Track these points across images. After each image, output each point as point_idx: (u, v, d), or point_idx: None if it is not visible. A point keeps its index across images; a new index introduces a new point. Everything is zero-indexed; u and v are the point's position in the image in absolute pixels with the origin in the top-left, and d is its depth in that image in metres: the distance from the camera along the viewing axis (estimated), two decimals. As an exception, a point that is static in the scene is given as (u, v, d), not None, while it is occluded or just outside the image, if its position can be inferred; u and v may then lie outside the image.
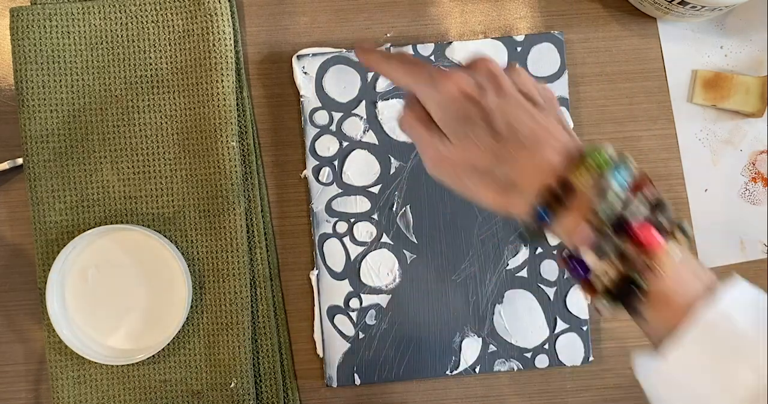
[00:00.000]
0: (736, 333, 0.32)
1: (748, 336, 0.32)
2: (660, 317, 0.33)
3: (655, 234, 0.32)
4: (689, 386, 0.33)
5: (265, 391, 0.53)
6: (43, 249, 0.52)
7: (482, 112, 0.36)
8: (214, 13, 0.53)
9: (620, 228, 0.33)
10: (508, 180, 0.36)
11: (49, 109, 0.53)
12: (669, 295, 0.33)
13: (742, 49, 0.56)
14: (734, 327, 0.32)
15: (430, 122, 0.38)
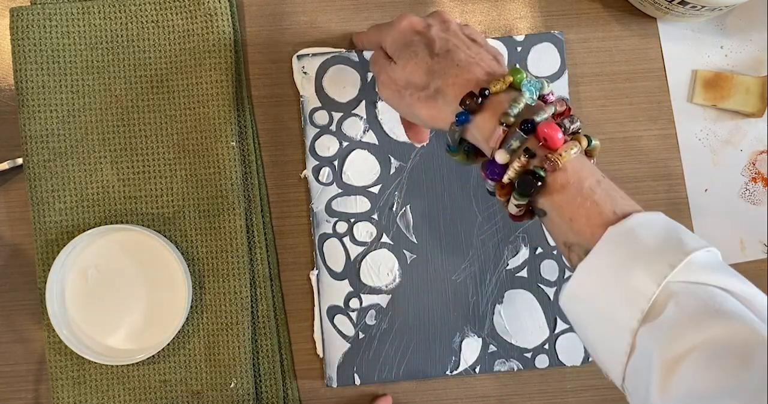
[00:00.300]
0: (640, 247, 0.33)
1: (650, 248, 0.33)
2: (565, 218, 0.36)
3: (556, 130, 0.36)
4: (595, 299, 0.35)
5: (265, 391, 0.53)
6: (43, 249, 0.52)
7: (426, 39, 0.43)
8: (214, 13, 0.53)
9: (528, 128, 0.37)
10: (438, 91, 0.41)
11: (49, 109, 0.53)
12: (568, 194, 0.36)
13: (742, 49, 0.56)
14: (640, 241, 0.34)
15: (387, 57, 0.45)
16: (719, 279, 0.33)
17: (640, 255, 0.33)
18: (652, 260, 0.33)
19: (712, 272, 0.33)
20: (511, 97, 0.38)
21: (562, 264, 0.54)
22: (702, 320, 0.32)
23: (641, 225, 0.34)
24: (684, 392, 0.31)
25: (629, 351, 0.33)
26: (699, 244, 0.34)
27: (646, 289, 0.33)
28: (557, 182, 0.36)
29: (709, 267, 0.34)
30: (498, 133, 0.37)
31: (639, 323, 0.33)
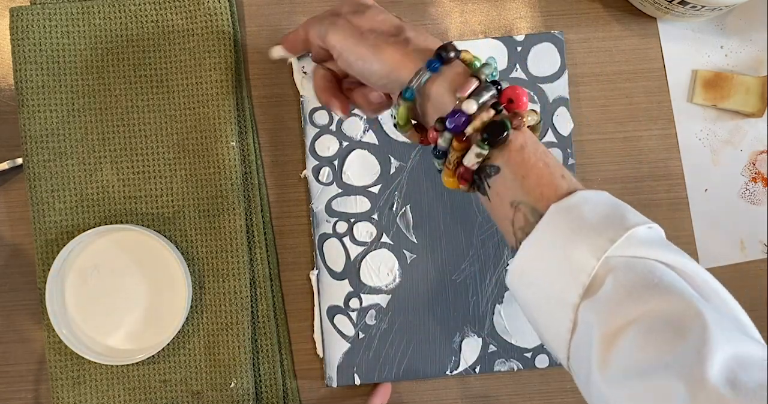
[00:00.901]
0: (582, 222, 0.34)
1: (592, 224, 0.34)
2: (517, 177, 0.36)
3: (523, 93, 0.38)
4: (538, 276, 0.35)
5: (265, 391, 0.53)
6: (43, 249, 0.52)
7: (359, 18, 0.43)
8: (214, 13, 0.53)
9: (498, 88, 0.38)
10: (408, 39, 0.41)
11: (49, 109, 0.53)
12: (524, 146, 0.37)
13: (742, 49, 0.56)
14: (582, 217, 0.34)
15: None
16: (659, 254, 0.34)
17: (582, 231, 0.34)
18: (594, 235, 0.34)
19: (653, 247, 0.34)
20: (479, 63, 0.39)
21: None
22: (640, 294, 0.32)
23: (585, 201, 0.35)
24: (623, 365, 0.31)
25: (572, 328, 0.34)
26: (641, 220, 0.35)
27: (586, 264, 0.33)
28: (517, 140, 0.37)
29: (650, 242, 0.34)
30: (470, 84, 0.38)
31: (580, 298, 0.33)
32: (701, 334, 0.30)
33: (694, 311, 0.31)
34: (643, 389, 0.31)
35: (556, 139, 0.54)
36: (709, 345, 0.30)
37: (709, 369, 0.29)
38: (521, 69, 0.54)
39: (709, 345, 0.30)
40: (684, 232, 0.55)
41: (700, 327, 0.30)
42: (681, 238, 0.55)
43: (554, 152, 0.54)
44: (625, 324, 0.32)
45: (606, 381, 0.32)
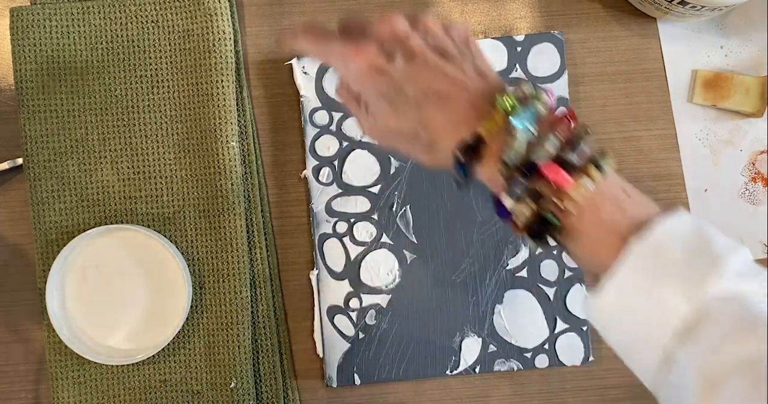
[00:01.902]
0: (668, 261, 0.32)
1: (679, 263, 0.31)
2: (586, 252, 0.34)
3: (561, 172, 0.33)
4: (626, 319, 0.33)
5: (265, 391, 0.53)
6: (43, 249, 0.52)
7: (394, 83, 0.37)
8: (214, 13, 0.53)
9: (531, 170, 0.34)
10: (431, 141, 0.37)
11: (49, 109, 0.53)
12: (585, 229, 0.33)
13: (742, 49, 0.56)
14: (667, 255, 0.32)
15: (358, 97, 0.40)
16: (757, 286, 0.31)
17: (669, 272, 0.31)
18: (683, 276, 0.31)
19: (748, 278, 0.31)
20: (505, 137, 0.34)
21: (562, 264, 0.54)
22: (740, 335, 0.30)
23: (667, 236, 0.32)
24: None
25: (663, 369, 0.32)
26: (730, 248, 0.32)
27: (677, 308, 0.31)
28: (572, 224, 0.34)
29: (744, 274, 0.31)
30: (497, 179, 0.35)
31: (672, 342, 0.31)
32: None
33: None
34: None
35: (556, 139, 0.54)
36: None
37: None
38: (521, 69, 0.54)
39: None
40: (684, 232, 0.55)
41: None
42: (681, 238, 0.55)
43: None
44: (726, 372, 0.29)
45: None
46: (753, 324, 0.30)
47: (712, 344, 0.30)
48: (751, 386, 0.29)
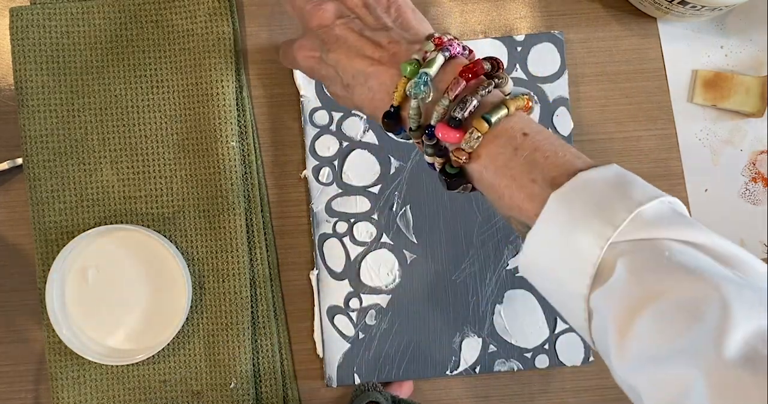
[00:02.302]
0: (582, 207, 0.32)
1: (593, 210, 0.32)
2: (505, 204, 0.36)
3: (447, 130, 0.36)
4: (547, 269, 0.34)
5: (265, 391, 0.53)
6: (43, 249, 0.52)
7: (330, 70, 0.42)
8: (214, 13, 0.53)
9: (431, 132, 0.37)
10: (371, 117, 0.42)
11: (49, 109, 0.53)
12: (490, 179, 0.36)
13: (742, 49, 0.56)
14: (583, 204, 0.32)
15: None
16: (671, 232, 0.32)
17: (582, 219, 0.32)
18: (595, 222, 0.32)
19: (663, 225, 0.32)
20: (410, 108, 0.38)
21: (562, 264, 0.54)
22: (650, 278, 0.31)
23: (586, 184, 0.33)
24: (637, 354, 0.30)
25: (588, 317, 0.33)
26: (649, 195, 0.32)
27: (589, 254, 0.32)
28: (474, 171, 0.36)
29: (660, 221, 0.32)
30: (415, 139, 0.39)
31: (589, 289, 0.32)
32: (719, 313, 0.28)
33: (711, 289, 0.29)
34: (661, 376, 0.29)
35: (556, 139, 0.54)
36: (728, 323, 0.28)
37: (726, 349, 0.28)
38: (521, 69, 0.54)
39: (728, 323, 0.28)
40: (684, 232, 0.55)
41: (718, 305, 0.29)
42: (681, 238, 0.55)
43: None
44: (637, 311, 0.30)
45: (624, 370, 0.31)
46: (666, 267, 0.31)
47: (624, 287, 0.31)
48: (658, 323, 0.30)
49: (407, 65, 0.37)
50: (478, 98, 0.36)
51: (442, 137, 0.36)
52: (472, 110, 0.36)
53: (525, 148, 0.35)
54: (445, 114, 0.37)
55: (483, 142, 0.36)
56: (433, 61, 0.37)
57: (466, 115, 0.36)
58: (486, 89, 0.36)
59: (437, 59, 0.37)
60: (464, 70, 0.36)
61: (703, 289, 0.30)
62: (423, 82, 0.37)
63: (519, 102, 0.36)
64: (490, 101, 0.37)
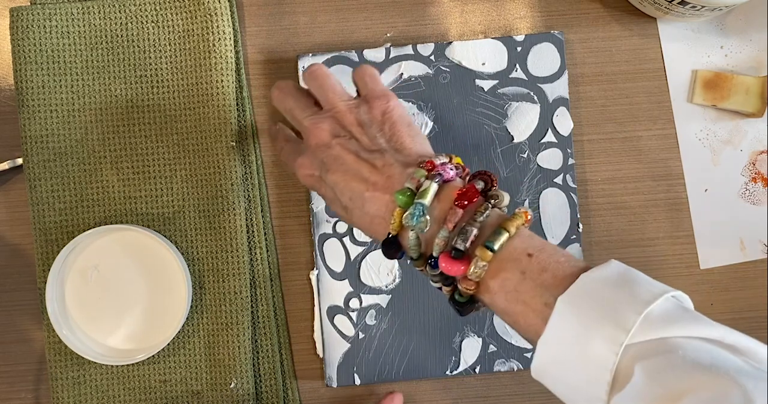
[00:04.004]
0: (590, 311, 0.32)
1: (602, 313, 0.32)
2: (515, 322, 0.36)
3: (452, 262, 0.36)
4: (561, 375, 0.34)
5: (265, 391, 0.53)
6: (43, 249, 0.52)
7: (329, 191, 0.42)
8: (214, 13, 0.53)
9: (434, 263, 0.37)
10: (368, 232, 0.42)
11: (49, 109, 0.53)
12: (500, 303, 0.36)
13: (742, 49, 0.56)
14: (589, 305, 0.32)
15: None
16: (683, 330, 0.32)
17: (593, 324, 0.32)
18: (607, 325, 0.32)
19: (672, 324, 0.32)
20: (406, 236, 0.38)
21: (562, 264, 0.54)
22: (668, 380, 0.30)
23: (590, 287, 0.33)
24: None
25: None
26: (655, 292, 0.32)
27: (605, 360, 0.32)
28: (484, 298, 0.36)
29: (668, 319, 0.32)
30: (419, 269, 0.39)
31: (608, 395, 0.32)
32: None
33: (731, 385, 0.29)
34: None
35: (556, 139, 0.54)
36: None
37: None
38: (521, 69, 0.54)
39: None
40: (684, 232, 0.55)
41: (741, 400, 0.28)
42: (681, 238, 0.55)
43: (554, 152, 0.54)
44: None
45: None
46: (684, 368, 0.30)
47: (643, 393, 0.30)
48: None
49: (400, 195, 0.37)
50: (477, 226, 0.36)
51: (446, 270, 0.36)
52: (473, 240, 0.36)
53: (532, 271, 0.35)
54: (446, 245, 0.36)
55: (489, 268, 0.35)
56: (426, 190, 0.37)
57: (468, 246, 0.36)
58: (484, 214, 0.36)
59: (430, 188, 0.37)
60: (459, 198, 0.37)
61: (724, 386, 0.29)
62: (419, 213, 0.37)
63: (518, 220, 0.36)
64: (490, 224, 0.36)
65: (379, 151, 0.41)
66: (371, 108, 0.43)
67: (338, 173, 0.41)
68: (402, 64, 0.54)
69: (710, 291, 0.55)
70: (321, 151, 0.43)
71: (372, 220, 0.40)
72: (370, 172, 0.40)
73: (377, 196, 0.40)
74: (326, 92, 0.45)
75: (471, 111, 0.54)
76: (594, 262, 0.35)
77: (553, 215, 0.54)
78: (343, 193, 0.41)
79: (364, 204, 0.40)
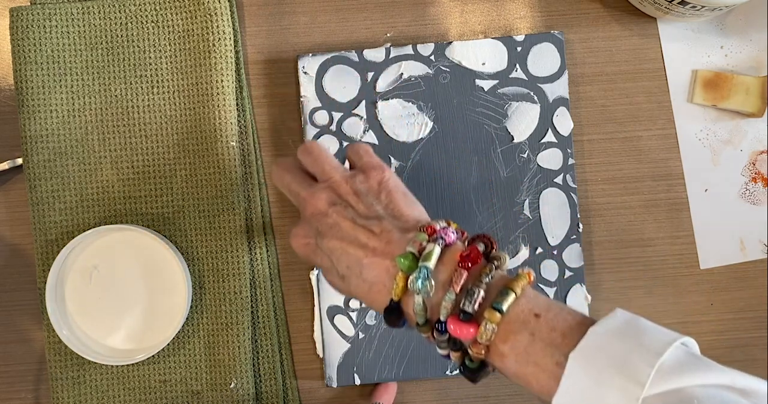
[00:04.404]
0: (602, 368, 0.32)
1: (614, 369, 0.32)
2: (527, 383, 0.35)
3: (461, 325, 0.36)
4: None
5: (265, 391, 0.53)
6: (43, 249, 0.52)
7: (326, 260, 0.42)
8: (214, 13, 0.53)
9: (443, 328, 0.36)
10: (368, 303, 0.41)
11: (49, 109, 0.53)
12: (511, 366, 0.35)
13: (742, 49, 0.56)
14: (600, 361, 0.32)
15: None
16: (696, 379, 0.32)
17: (607, 379, 0.32)
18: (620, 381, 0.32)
19: (684, 373, 0.32)
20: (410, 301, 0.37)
21: (563, 264, 0.54)
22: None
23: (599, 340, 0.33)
24: None
25: None
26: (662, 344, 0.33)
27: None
28: (495, 361, 0.36)
29: (680, 368, 0.32)
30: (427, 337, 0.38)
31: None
32: None
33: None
34: None
35: (556, 139, 0.54)
36: None
37: None
38: (521, 69, 0.54)
39: None
40: (684, 232, 0.55)
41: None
42: (681, 238, 0.55)
43: (554, 152, 0.54)
44: None
45: None
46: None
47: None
48: None
49: (403, 259, 0.37)
50: (483, 288, 0.36)
51: (455, 333, 0.36)
52: (480, 302, 0.36)
53: (541, 331, 0.35)
54: (454, 308, 0.36)
55: (498, 331, 0.35)
56: (430, 253, 0.37)
57: (476, 308, 0.36)
58: (489, 275, 0.36)
59: (434, 251, 0.37)
60: (463, 260, 0.37)
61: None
62: (424, 276, 0.36)
63: (522, 281, 0.36)
64: (495, 285, 0.36)
65: (377, 218, 0.41)
66: (367, 177, 0.43)
67: (335, 239, 0.41)
68: (402, 64, 0.54)
69: (710, 291, 0.55)
70: (317, 219, 0.42)
71: (371, 288, 0.39)
72: (368, 238, 0.40)
73: (377, 261, 0.39)
74: (322, 165, 0.45)
75: (471, 111, 0.54)
76: (597, 303, 0.35)
77: (553, 215, 0.54)
78: (340, 260, 0.40)
79: (363, 271, 0.39)
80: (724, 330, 0.55)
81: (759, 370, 0.55)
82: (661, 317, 0.55)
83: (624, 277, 0.55)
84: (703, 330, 0.55)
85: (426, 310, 0.37)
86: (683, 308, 0.55)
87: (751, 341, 0.55)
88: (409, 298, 0.37)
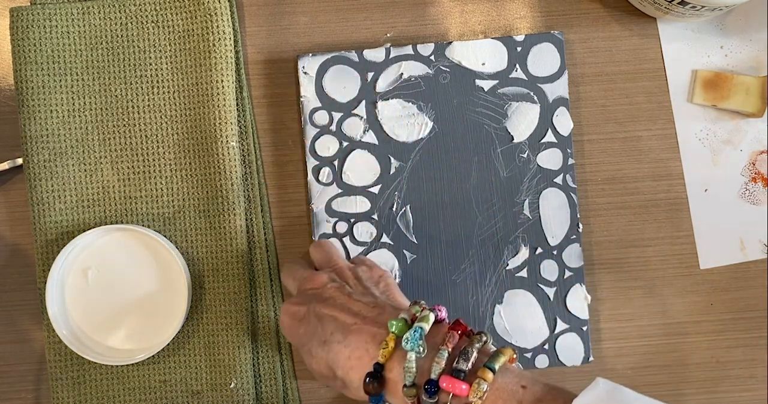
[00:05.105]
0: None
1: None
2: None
3: (456, 382, 0.36)
4: None
5: (265, 391, 0.53)
6: (43, 249, 0.52)
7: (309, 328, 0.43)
8: (214, 13, 0.53)
9: (433, 386, 0.37)
10: (344, 381, 0.41)
11: (49, 109, 0.53)
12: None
13: (742, 49, 0.56)
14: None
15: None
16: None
17: None
18: None
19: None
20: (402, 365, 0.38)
21: (563, 264, 0.54)
22: None
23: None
24: None
25: None
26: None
27: None
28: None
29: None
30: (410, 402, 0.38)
31: None
32: None
33: None
34: None
35: (556, 139, 0.54)
36: None
37: None
38: (521, 69, 0.54)
39: None
40: (684, 232, 0.55)
41: None
42: (681, 238, 0.55)
43: (554, 152, 0.54)
44: None
45: None
46: None
47: None
48: None
49: (395, 322, 0.39)
50: (477, 348, 0.37)
51: (449, 388, 0.36)
52: (474, 361, 0.37)
53: (527, 401, 0.36)
54: (447, 367, 0.37)
55: (486, 399, 0.36)
56: (426, 317, 0.39)
57: (470, 367, 0.37)
58: (481, 341, 0.38)
59: (430, 316, 0.39)
60: (453, 326, 0.39)
61: None
62: (418, 335, 0.37)
63: (508, 352, 0.38)
64: (484, 351, 0.38)
65: (372, 296, 0.44)
66: (370, 269, 0.48)
67: (328, 307, 0.43)
68: (402, 64, 0.54)
69: (710, 291, 0.55)
70: (314, 290, 0.45)
71: (351, 353, 0.40)
72: (360, 307, 0.42)
73: (365, 328, 0.40)
74: (330, 255, 0.49)
75: (471, 111, 0.54)
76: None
77: (553, 215, 0.54)
78: (327, 325, 0.42)
79: (347, 337, 0.40)
80: (724, 330, 0.55)
81: (759, 370, 0.55)
82: (661, 317, 0.55)
83: (624, 277, 0.55)
84: (703, 330, 0.55)
85: (416, 371, 0.38)
86: (683, 308, 0.55)
87: (751, 341, 0.55)
88: (394, 363, 0.38)
